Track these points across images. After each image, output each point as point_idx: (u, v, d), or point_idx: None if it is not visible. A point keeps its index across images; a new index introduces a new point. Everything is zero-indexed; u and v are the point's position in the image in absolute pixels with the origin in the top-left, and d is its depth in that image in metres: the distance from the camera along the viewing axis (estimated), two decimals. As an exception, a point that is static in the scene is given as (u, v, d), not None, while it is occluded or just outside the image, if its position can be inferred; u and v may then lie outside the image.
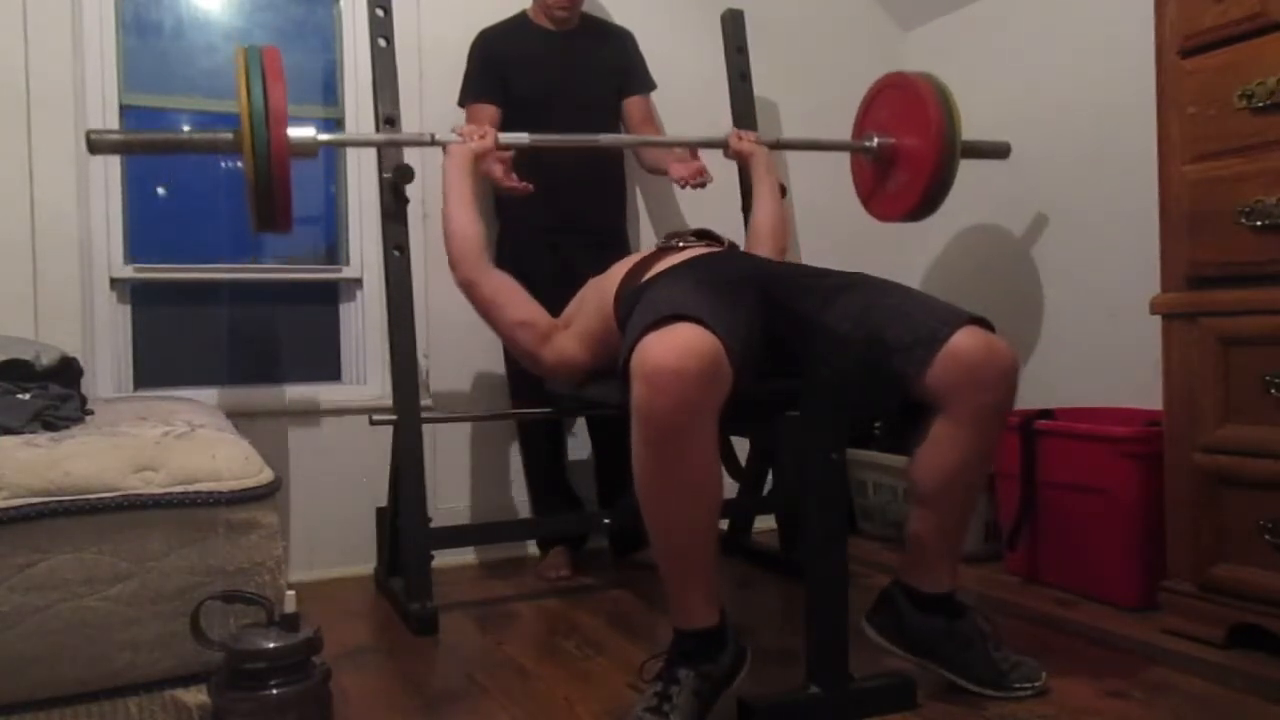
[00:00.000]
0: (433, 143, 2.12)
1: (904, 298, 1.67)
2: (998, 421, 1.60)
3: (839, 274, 1.77)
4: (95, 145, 1.91)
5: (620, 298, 1.78)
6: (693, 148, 2.46)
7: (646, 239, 2.89)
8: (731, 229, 2.24)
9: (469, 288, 1.97)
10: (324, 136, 2.00)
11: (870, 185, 2.56)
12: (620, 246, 2.71)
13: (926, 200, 2.40)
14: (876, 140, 2.45)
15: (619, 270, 1.89)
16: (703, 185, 2.42)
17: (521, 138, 2.18)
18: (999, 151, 2.61)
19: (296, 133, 1.88)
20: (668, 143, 2.59)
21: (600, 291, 1.88)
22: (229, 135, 1.88)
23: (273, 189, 1.84)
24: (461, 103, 2.55)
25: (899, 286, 1.72)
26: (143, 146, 2.02)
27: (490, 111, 2.50)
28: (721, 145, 2.39)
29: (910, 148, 2.39)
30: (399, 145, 2.23)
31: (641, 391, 1.35)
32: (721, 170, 2.53)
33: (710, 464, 1.42)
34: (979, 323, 1.58)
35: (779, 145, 2.53)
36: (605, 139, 2.40)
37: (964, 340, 1.53)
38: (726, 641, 1.52)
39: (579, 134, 2.34)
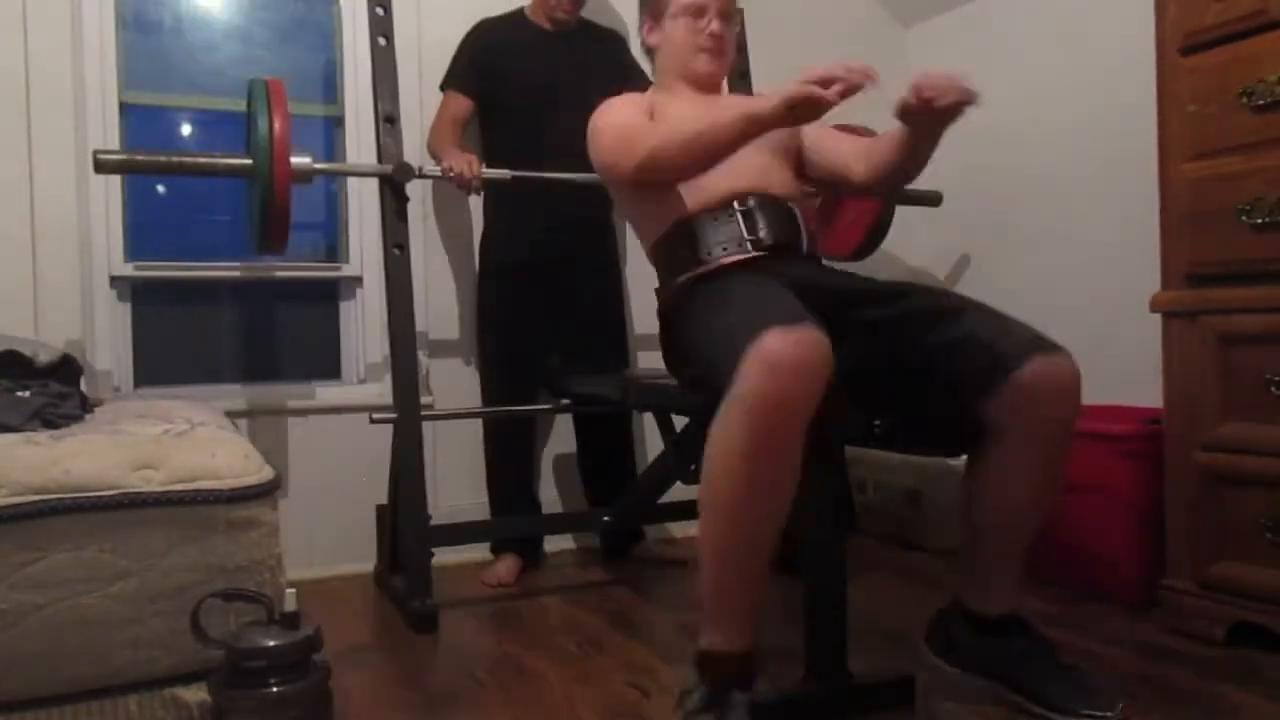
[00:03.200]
0: (420, 175, 2.23)
1: (978, 318, 1.55)
2: (1062, 446, 1.50)
3: (908, 285, 1.70)
4: (100, 165, 1.96)
5: (675, 240, 1.73)
6: None
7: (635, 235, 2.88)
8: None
9: (646, 169, 1.72)
10: (320, 165, 2.14)
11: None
12: (609, 239, 2.71)
13: (865, 244, 2.63)
14: None
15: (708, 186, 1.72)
16: None
17: (504, 174, 2.33)
18: (931, 200, 2.80)
19: (296, 160, 2.01)
20: None
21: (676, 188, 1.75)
22: (233, 160, 2.03)
23: (276, 216, 1.99)
24: (442, 87, 2.57)
25: (972, 304, 1.61)
26: (147, 168, 2.08)
27: (463, 103, 2.54)
28: None
29: (851, 197, 2.57)
30: (385, 178, 2.22)
31: (762, 381, 1.30)
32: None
33: (798, 466, 1.37)
34: (1050, 348, 1.48)
35: None
36: (577, 178, 2.44)
37: (1032, 369, 1.44)
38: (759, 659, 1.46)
39: (560, 168, 2.36)
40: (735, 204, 1.73)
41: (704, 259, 1.69)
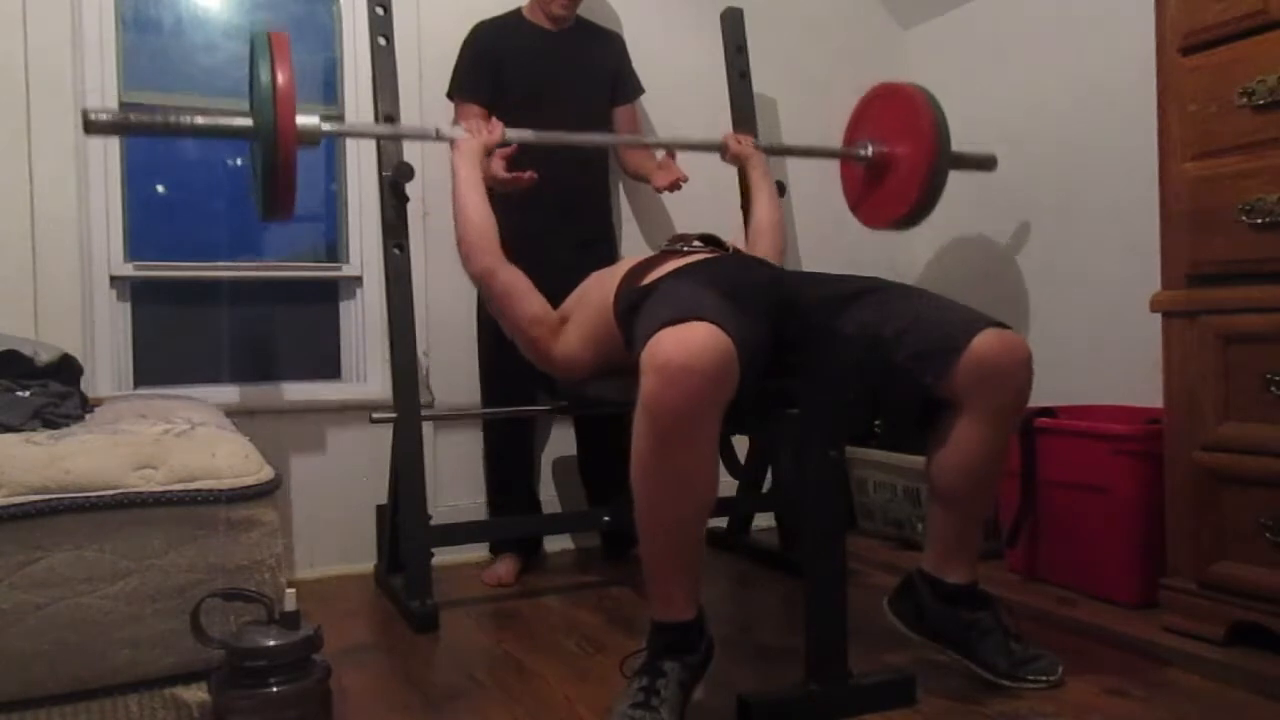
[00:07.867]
0: (437, 137, 2.14)
1: (923, 303, 1.69)
2: (1015, 415, 1.65)
3: (856, 279, 1.78)
4: (91, 126, 1.82)
5: (620, 295, 1.78)
6: (691, 150, 2.49)
7: (632, 239, 2.88)
8: (715, 229, 2.22)
9: (487, 277, 1.97)
10: (327, 126, 1.99)
11: (859, 192, 2.57)
12: (608, 246, 2.72)
13: (918, 208, 2.41)
14: (871, 148, 2.45)
15: (622, 268, 1.90)
16: (679, 188, 2.46)
17: (526, 134, 2.18)
18: (986, 163, 2.61)
19: (302, 120, 1.86)
20: (668, 144, 2.58)
21: (602, 288, 1.88)
22: (232, 121, 1.90)
23: (281, 179, 1.83)
24: (450, 95, 2.57)
25: (918, 291, 1.74)
26: (141, 129, 1.93)
27: (475, 109, 2.52)
28: (720, 149, 2.41)
29: (903, 156, 2.40)
30: (404, 139, 2.23)
31: (652, 384, 1.36)
32: (704, 172, 2.57)
33: (709, 462, 1.44)
34: (997, 325, 1.60)
35: (774, 150, 2.55)
36: (605, 138, 2.42)
37: (983, 343, 1.56)
38: (705, 632, 1.55)
39: (580, 132, 2.35)
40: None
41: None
